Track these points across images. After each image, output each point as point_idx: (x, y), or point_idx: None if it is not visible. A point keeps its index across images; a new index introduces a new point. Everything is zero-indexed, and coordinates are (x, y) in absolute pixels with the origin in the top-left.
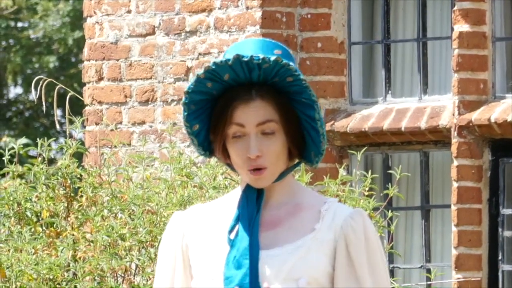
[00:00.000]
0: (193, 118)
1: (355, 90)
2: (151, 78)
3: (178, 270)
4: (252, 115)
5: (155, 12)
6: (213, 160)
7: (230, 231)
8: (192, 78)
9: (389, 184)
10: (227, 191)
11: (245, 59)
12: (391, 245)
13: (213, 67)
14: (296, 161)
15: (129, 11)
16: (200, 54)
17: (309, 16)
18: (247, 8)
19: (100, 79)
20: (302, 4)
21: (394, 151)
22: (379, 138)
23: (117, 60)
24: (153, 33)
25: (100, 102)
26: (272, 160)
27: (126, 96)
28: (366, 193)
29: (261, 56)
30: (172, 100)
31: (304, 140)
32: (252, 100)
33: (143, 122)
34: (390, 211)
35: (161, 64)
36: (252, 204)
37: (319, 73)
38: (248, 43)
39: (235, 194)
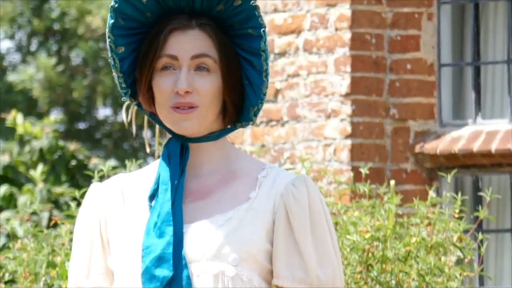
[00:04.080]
0: (118, 34)
1: (444, 112)
2: None
3: (96, 247)
4: (188, 45)
5: None
6: None
7: (151, 197)
8: None
9: (479, 206)
10: None
11: None
12: (481, 267)
13: None
14: (230, 126)
15: None
16: (289, 75)
17: (398, 37)
18: (336, 29)
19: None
20: (391, 26)
21: (484, 173)
22: (469, 160)
23: None
24: None
25: None
26: (205, 100)
27: None
28: (456, 215)
29: None
30: (261, 122)
31: (242, 95)
32: (190, 28)
33: (232, 144)
34: (480, 233)
35: None
36: (175, 160)
37: (408, 95)
38: None
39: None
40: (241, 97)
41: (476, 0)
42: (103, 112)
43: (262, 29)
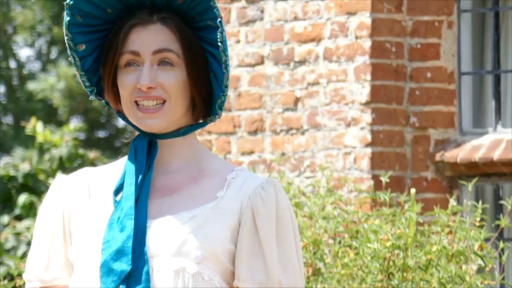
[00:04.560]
0: (78, 32)
1: (465, 120)
2: (260, 108)
3: (57, 239)
4: (149, 40)
5: (264, 42)
6: (322, 190)
7: (116, 192)
8: None
9: (500, 214)
10: (337, 220)
11: None
12: (502, 276)
13: None
14: (201, 121)
15: (238, 41)
16: (309, 84)
17: (418, 46)
18: (356, 37)
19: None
20: (411, 34)
21: (505, 181)
22: (490, 168)
23: None
24: (262, 63)
25: (209, 132)
26: (171, 94)
27: (235, 126)
28: (477, 224)
29: None
30: (281, 130)
31: (211, 89)
32: (152, 23)
33: (252, 152)
34: (501, 242)
35: (270, 94)
36: (142, 156)
37: (428, 103)
38: None
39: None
40: (210, 91)
41: (497, 8)
42: (123, 120)
43: (218, 20)
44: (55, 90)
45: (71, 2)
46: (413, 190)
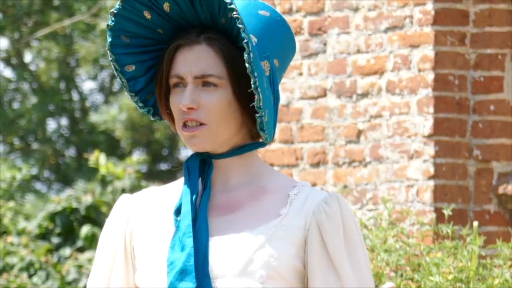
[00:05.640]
0: (124, 53)
1: None
2: (322, 140)
3: (118, 261)
4: (191, 64)
5: (327, 74)
6: (384, 222)
7: (177, 212)
8: None
9: None
10: (399, 253)
11: None
12: None
13: None
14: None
15: (301, 74)
16: (371, 116)
17: (482, 78)
18: (419, 70)
19: (272, 141)
20: (475, 67)
21: None
22: None
23: (289, 122)
24: (325, 95)
25: (271, 164)
26: (212, 117)
27: (297, 158)
28: None
29: None
30: (344, 163)
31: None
32: (197, 43)
33: (314, 184)
34: None
35: (332, 126)
36: (194, 175)
37: (491, 136)
38: None
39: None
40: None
41: None
42: (185, 153)
43: (244, 41)
44: (117, 121)
45: (112, 24)
46: (475, 223)
